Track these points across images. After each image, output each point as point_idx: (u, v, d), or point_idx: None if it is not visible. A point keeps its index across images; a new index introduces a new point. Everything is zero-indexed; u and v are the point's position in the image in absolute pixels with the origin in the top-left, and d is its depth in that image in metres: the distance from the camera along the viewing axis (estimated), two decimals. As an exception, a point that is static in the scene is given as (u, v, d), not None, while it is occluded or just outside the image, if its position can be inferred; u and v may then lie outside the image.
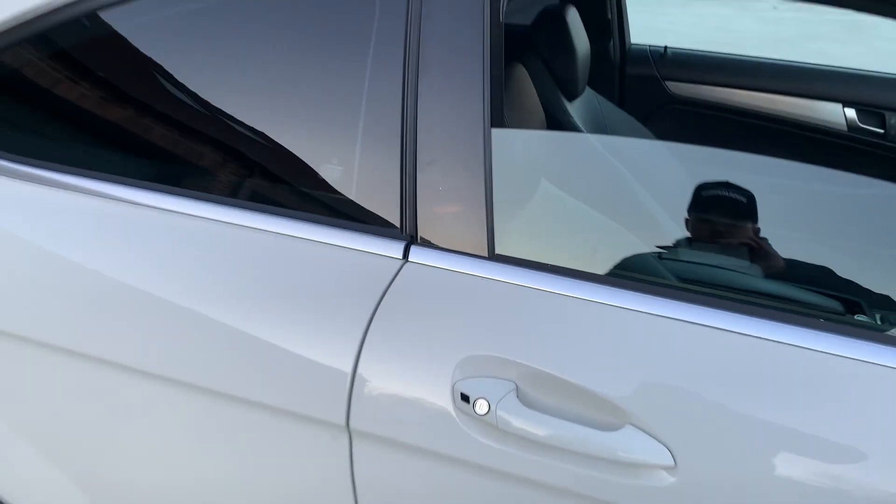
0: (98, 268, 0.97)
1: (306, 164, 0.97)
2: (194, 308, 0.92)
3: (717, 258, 1.10)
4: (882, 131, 2.05)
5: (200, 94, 1.00)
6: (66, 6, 1.00)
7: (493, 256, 0.88)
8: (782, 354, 0.79)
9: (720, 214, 1.18)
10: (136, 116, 1.05)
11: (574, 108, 1.84)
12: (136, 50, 1.02)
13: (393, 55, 0.91)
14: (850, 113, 2.06)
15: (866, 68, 2.11)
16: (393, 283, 0.89)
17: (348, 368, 0.87)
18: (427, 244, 0.90)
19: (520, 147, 1.08)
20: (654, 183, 1.32)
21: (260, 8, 0.97)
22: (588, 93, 1.97)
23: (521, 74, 1.38)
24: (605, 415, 0.81)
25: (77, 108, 1.07)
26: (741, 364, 0.79)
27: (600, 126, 1.93)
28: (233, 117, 0.99)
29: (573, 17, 1.78)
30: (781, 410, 0.77)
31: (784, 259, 1.12)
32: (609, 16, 2.11)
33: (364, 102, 0.92)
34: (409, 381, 0.86)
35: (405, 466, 0.88)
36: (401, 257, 0.90)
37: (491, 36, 0.89)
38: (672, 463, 0.78)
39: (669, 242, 1.24)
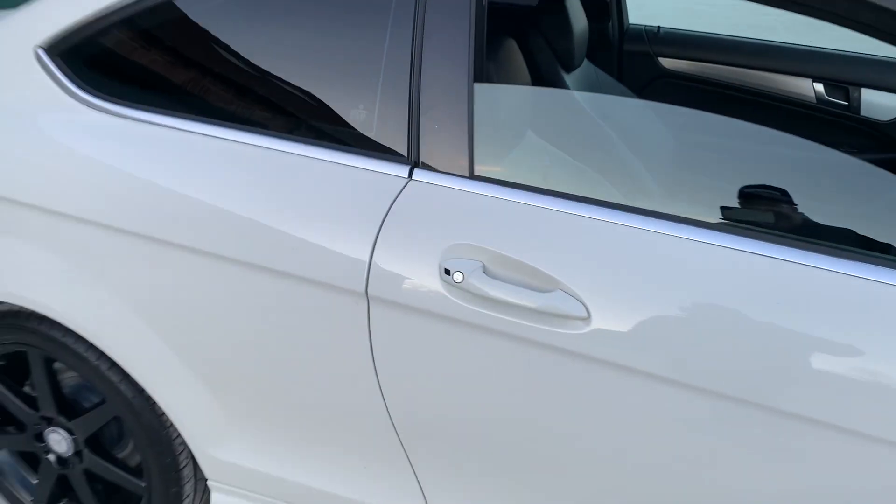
0: (190, 182, 1.34)
1: (340, 110, 1.32)
2: (254, 212, 1.29)
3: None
4: (846, 104, 2.34)
5: (261, 56, 1.37)
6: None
7: (473, 177, 1.24)
8: (673, 245, 1.13)
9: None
10: (207, 71, 1.41)
11: (571, 79, 2.17)
12: (210, 21, 1.39)
13: (405, 27, 1.26)
14: (819, 87, 2.35)
15: (834, 47, 2.39)
16: (401, 193, 1.25)
17: (368, 251, 1.23)
18: (426, 167, 1.26)
19: (502, 98, 1.43)
20: (630, 135, 1.64)
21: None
22: (587, 66, 2.30)
23: (514, 47, 1.71)
24: (541, 283, 1.16)
25: (170, 67, 1.44)
26: (650, 257, 1.13)
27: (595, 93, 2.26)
28: (285, 73, 1.35)
29: (571, 1, 2.10)
30: (665, 290, 1.11)
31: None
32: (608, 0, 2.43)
33: (384, 62, 1.28)
34: (410, 260, 1.22)
35: (404, 322, 1.24)
36: (406, 176, 1.26)
37: (476, 16, 1.23)
38: (586, 315, 1.13)
39: (636, 189, 1.56)
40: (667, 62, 2.48)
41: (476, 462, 1.31)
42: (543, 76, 2.10)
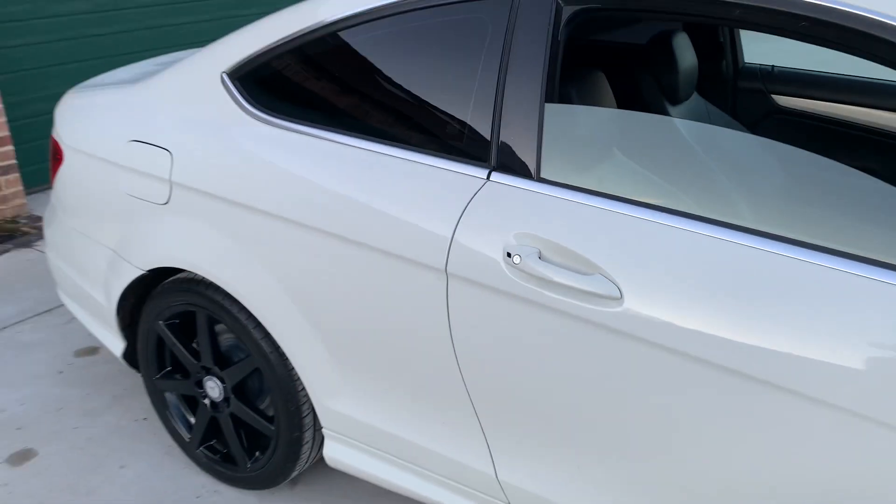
0: (331, 180, 1.70)
1: (444, 126, 1.63)
2: (374, 203, 1.62)
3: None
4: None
5: (387, 83, 1.71)
6: (319, 27, 1.76)
7: (539, 179, 1.50)
8: (712, 246, 1.32)
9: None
10: (347, 93, 1.77)
11: (677, 110, 2.36)
12: (348, 55, 1.75)
13: (494, 63, 1.55)
14: (935, 126, 2.37)
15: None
16: (481, 190, 1.53)
17: (450, 233, 1.52)
18: (501, 170, 1.53)
19: (573, 116, 1.67)
20: (705, 147, 1.80)
21: (434, 32, 1.66)
22: (697, 100, 2.48)
23: (603, 79, 1.94)
24: (585, 267, 1.39)
25: (318, 90, 1.82)
26: (684, 254, 1.34)
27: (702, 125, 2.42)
28: (407, 95, 1.68)
29: (680, 40, 2.31)
30: (698, 296, 1.31)
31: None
32: (721, 40, 2.59)
33: (476, 89, 1.57)
34: (482, 244, 1.50)
35: (475, 294, 1.51)
36: (485, 178, 1.54)
37: (549, 56, 1.50)
38: (619, 296, 1.35)
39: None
40: (781, 100, 2.59)
41: (527, 420, 1.54)
42: (648, 106, 2.31)
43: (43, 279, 3.55)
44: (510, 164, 1.52)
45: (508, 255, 1.46)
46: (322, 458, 2.28)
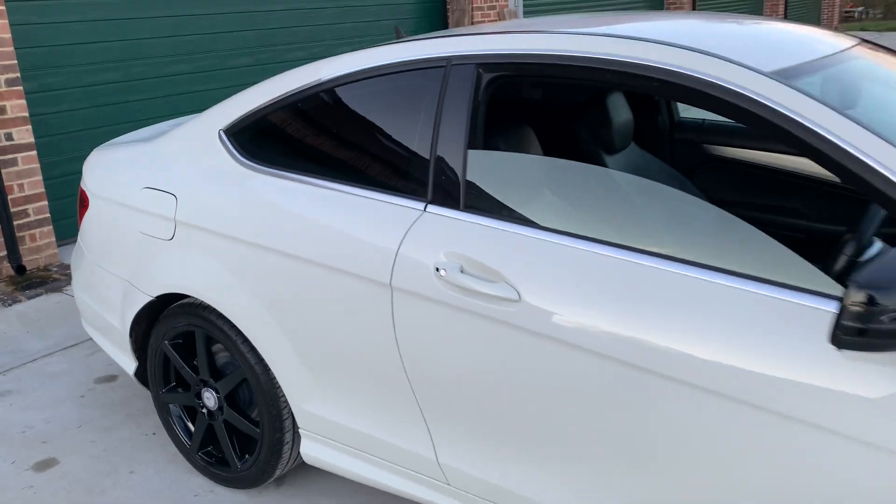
0: (308, 213, 2.07)
1: (391, 168, 2.00)
2: (336, 232, 1.99)
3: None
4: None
5: (347, 133, 2.09)
6: (292, 93, 2.16)
7: (463, 209, 1.85)
8: (598, 260, 1.66)
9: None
10: (319, 146, 2.16)
11: (613, 159, 2.72)
12: (323, 114, 2.14)
13: (430, 119, 1.93)
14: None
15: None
16: (419, 218, 1.89)
17: (394, 254, 1.88)
18: (435, 202, 1.90)
19: (491, 160, 2.04)
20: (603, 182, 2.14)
21: (386, 95, 2.04)
22: (633, 150, 2.84)
23: (530, 131, 2.31)
24: (493, 277, 1.74)
25: (302, 145, 2.20)
26: (567, 263, 1.68)
27: (636, 172, 2.78)
28: (364, 142, 2.06)
29: (615, 98, 2.68)
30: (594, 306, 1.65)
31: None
32: (657, 98, 2.97)
33: (417, 138, 1.95)
34: (418, 262, 1.85)
35: (412, 303, 1.86)
36: (423, 209, 1.91)
37: (472, 109, 1.87)
38: (518, 298, 1.69)
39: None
40: (712, 149, 2.95)
41: (456, 408, 1.86)
42: (586, 156, 2.68)
43: (70, 319, 3.94)
44: (441, 198, 1.89)
45: (437, 269, 1.81)
46: (303, 460, 2.60)
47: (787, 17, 18.22)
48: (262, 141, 2.27)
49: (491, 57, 1.89)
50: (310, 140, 2.17)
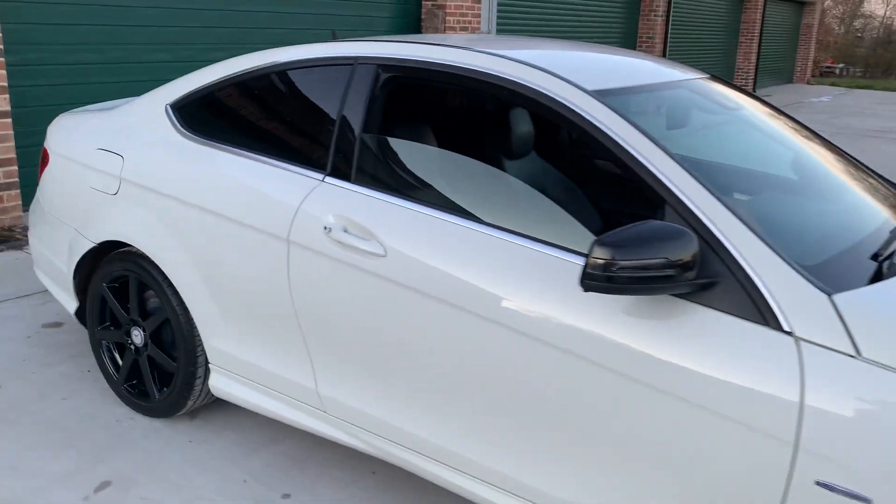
0: (229, 178, 2.46)
1: (304, 146, 2.40)
2: (250, 194, 2.38)
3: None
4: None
5: (276, 118, 2.49)
6: (243, 73, 2.56)
7: (353, 181, 2.25)
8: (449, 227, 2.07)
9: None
10: (263, 126, 2.55)
11: (513, 163, 3.14)
12: (249, 98, 2.54)
13: (336, 105, 2.33)
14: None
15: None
16: (318, 186, 2.29)
17: (293, 213, 2.27)
18: (332, 175, 2.30)
19: (382, 144, 2.44)
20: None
21: (303, 83, 2.44)
22: (534, 158, 3.26)
23: (428, 129, 2.71)
24: (367, 235, 2.14)
25: (230, 121, 2.60)
26: (423, 226, 2.08)
27: (531, 175, 3.19)
28: (283, 127, 2.45)
29: (517, 114, 3.10)
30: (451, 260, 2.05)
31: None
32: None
33: (327, 122, 2.35)
34: (311, 220, 2.24)
35: (303, 255, 2.25)
36: (321, 179, 2.30)
37: (369, 101, 2.28)
38: (384, 253, 2.09)
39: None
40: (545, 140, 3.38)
41: (334, 344, 2.25)
42: (487, 157, 3.09)
43: (25, 274, 4.28)
44: (337, 172, 2.29)
45: (326, 228, 2.20)
46: (212, 397, 2.96)
47: (758, 68, 18.90)
48: (200, 116, 2.66)
49: (387, 59, 2.31)
50: (239, 119, 2.57)
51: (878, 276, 1.75)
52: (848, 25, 36.97)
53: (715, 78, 2.76)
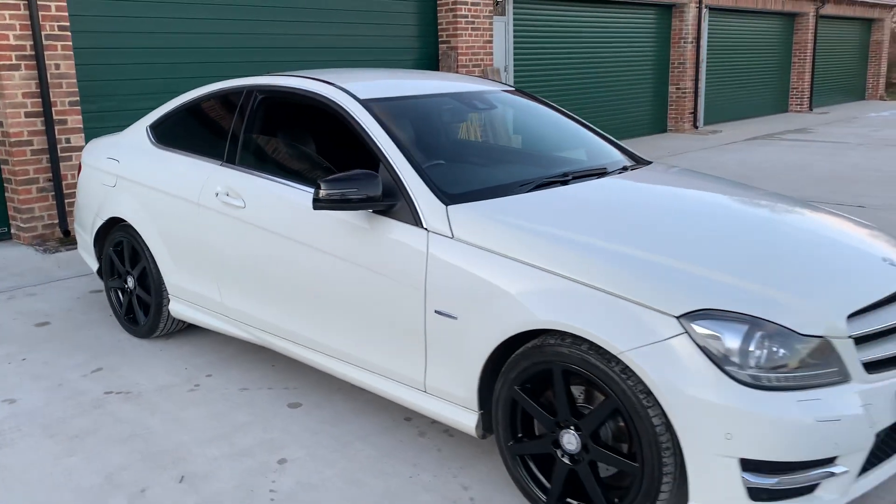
0: (174, 169, 3.83)
1: (212, 145, 3.71)
2: (181, 176, 3.72)
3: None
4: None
5: (207, 129, 3.83)
6: (191, 100, 3.94)
7: (236, 165, 3.55)
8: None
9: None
10: (195, 136, 3.90)
11: (313, 145, 4.36)
12: (194, 118, 3.90)
13: (234, 117, 3.65)
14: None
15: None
16: (216, 170, 3.61)
17: (201, 187, 3.59)
18: (226, 162, 3.60)
19: (252, 136, 3.72)
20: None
21: (226, 105, 3.78)
22: (325, 140, 4.47)
23: (293, 136, 3.98)
24: (237, 196, 3.42)
25: (184, 134, 3.96)
26: (266, 188, 3.35)
27: (321, 151, 4.39)
28: (210, 134, 3.79)
29: (318, 114, 4.33)
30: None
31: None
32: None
33: (229, 129, 3.67)
34: (210, 189, 3.55)
35: (205, 212, 3.55)
36: (220, 165, 3.62)
37: (250, 116, 3.57)
38: (244, 206, 3.36)
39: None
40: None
41: (225, 267, 3.52)
42: (301, 142, 4.33)
43: (86, 265, 5.83)
44: (228, 160, 3.59)
45: (216, 193, 3.50)
46: (183, 330, 4.29)
47: (813, 86, 19.10)
48: (163, 131, 4.06)
49: (261, 86, 3.60)
50: (183, 131, 3.94)
51: (480, 198, 2.84)
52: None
53: (519, 91, 3.91)
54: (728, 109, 16.54)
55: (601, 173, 3.31)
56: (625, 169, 3.46)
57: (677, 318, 2.18)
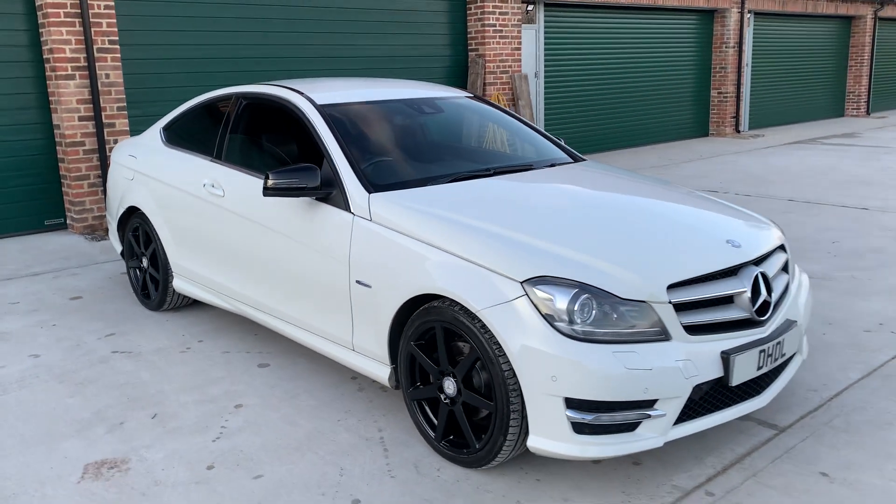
0: (177, 165, 4.49)
1: (207, 145, 4.34)
2: (181, 171, 4.37)
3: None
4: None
5: (207, 131, 4.47)
6: (195, 105, 4.60)
7: (219, 160, 4.16)
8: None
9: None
10: (196, 136, 4.54)
11: (278, 144, 4.92)
12: (201, 118, 4.55)
13: (223, 121, 4.28)
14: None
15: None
16: (209, 165, 4.24)
17: (196, 179, 4.23)
18: (216, 158, 4.22)
19: (236, 138, 4.31)
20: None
21: (221, 110, 4.42)
22: (286, 138, 5.03)
23: (268, 137, 4.56)
24: (218, 186, 4.03)
25: (187, 136, 4.61)
26: (239, 178, 3.95)
27: (281, 147, 4.94)
28: (210, 136, 4.43)
29: (283, 116, 4.89)
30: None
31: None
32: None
33: (219, 132, 4.30)
34: (198, 180, 4.18)
35: (195, 201, 4.18)
36: (212, 160, 4.25)
37: (236, 118, 4.19)
38: (223, 195, 3.97)
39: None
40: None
41: (210, 246, 4.14)
42: (268, 140, 4.90)
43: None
44: (218, 156, 4.22)
45: (204, 185, 4.13)
46: (187, 306, 4.95)
47: (871, 90, 18.76)
48: (173, 132, 4.72)
49: (244, 93, 4.21)
50: (186, 132, 4.59)
51: (401, 188, 3.35)
52: None
53: (477, 97, 4.42)
54: (776, 113, 16.48)
55: (527, 168, 3.78)
56: (552, 165, 3.91)
57: (521, 282, 2.65)
